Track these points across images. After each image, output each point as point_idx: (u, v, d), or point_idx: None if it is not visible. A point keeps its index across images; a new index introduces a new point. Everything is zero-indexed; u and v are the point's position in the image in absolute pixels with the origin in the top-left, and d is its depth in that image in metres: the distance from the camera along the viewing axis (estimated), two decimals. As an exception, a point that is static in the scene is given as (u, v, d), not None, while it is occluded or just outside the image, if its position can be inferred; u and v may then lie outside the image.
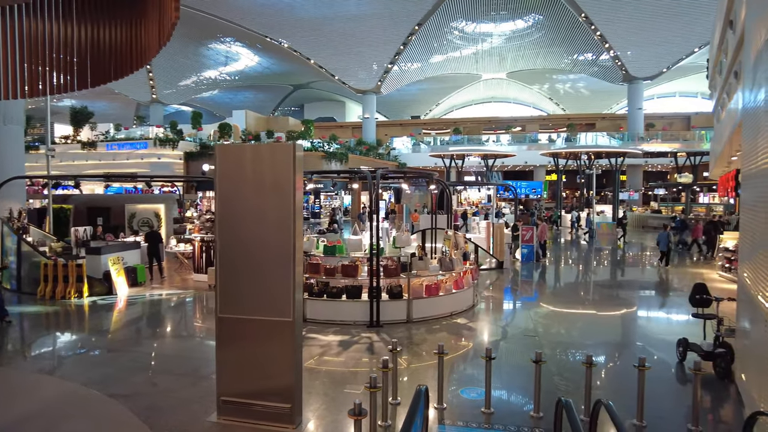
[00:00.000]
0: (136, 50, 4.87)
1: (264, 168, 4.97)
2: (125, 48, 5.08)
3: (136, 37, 4.85)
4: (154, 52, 4.67)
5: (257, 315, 5.06)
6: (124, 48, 5.11)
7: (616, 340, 8.92)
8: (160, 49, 4.57)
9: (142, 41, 4.79)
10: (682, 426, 5.22)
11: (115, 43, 5.23)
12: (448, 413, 5.56)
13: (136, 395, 5.92)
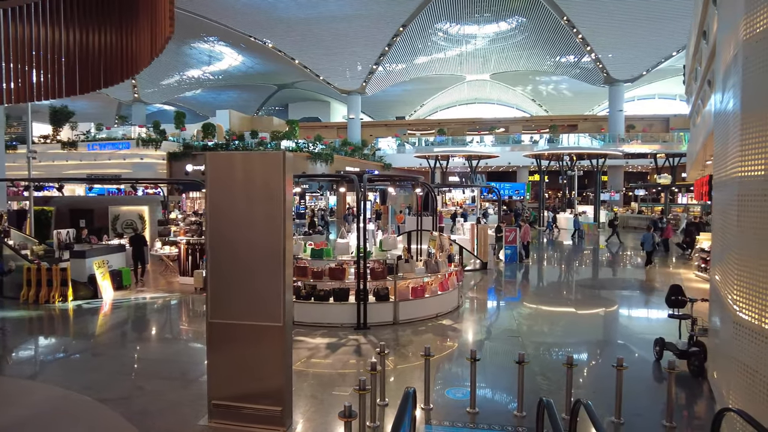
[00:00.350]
0: (127, 59, 4.93)
1: (254, 176, 5.07)
2: (116, 56, 5.12)
3: (127, 45, 4.90)
4: (146, 62, 4.73)
5: (248, 320, 5.16)
6: (115, 56, 5.16)
7: (597, 339, 9.18)
8: (151, 60, 4.63)
9: (134, 50, 4.84)
10: (658, 422, 5.46)
11: (105, 50, 5.27)
12: (435, 413, 5.72)
13: (126, 400, 5.97)
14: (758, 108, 4.07)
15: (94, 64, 5.45)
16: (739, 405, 4.24)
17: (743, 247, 4.34)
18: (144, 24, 4.60)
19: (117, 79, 5.20)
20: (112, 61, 5.25)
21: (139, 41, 4.73)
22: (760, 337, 3.94)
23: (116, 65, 5.19)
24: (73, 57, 5.46)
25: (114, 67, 5.23)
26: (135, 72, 5.08)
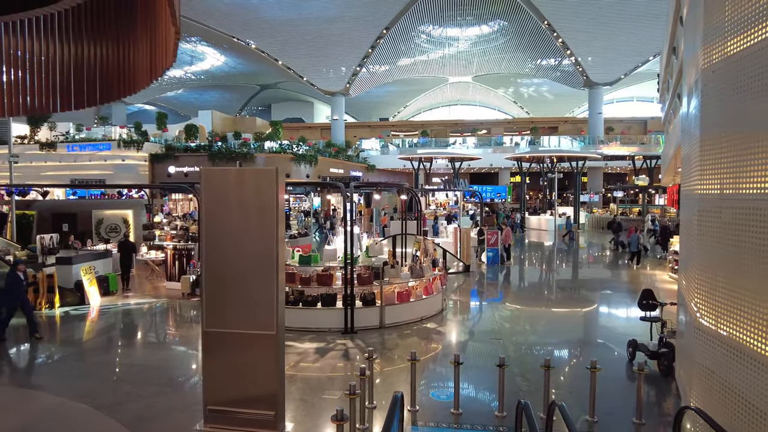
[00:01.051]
0: (125, 78, 5.10)
1: (248, 191, 5.30)
2: (113, 74, 5.30)
3: (125, 65, 5.08)
4: (144, 84, 4.92)
5: (242, 329, 5.39)
6: (112, 74, 5.33)
7: (576, 340, 9.59)
8: (149, 83, 4.82)
9: (132, 70, 5.02)
10: (629, 420, 5.83)
11: (103, 67, 5.44)
12: (420, 415, 6.02)
13: (122, 406, 6.14)
14: (715, 133, 4.45)
15: (90, 80, 5.62)
16: (699, 402, 4.63)
17: (703, 258, 4.72)
18: (143, 47, 4.78)
19: (114, 96, 5.38)
20: (109, 79, 5.43)
21: (138, 62, 4.92)
22: (716, 342, 4.31)
23: (113, 83, 5.36)
24: (68, 72, 5.63)
25: (111, 85, 5.40)
26: (133, 91, 5.27)
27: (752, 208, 3.78)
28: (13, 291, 9.08)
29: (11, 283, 9.09)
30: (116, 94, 5.45)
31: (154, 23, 4.53)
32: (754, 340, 3.74)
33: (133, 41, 4.92)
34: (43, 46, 5.58)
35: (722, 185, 4.30)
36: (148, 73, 4.71)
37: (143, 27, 4.73)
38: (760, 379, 3.64)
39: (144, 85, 4.95)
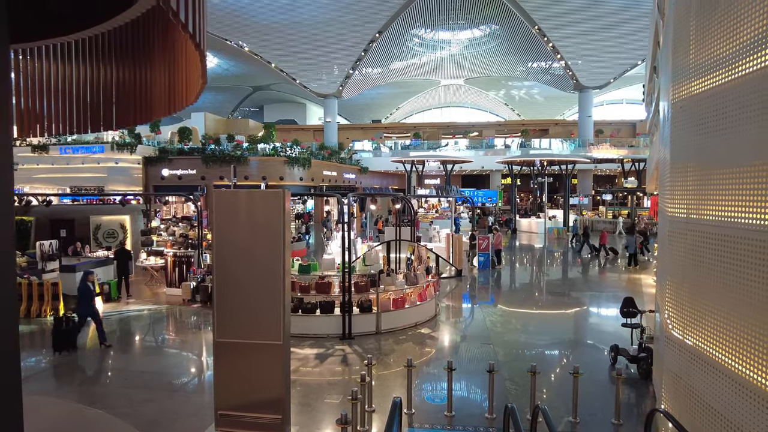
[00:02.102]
0: (142, 106, 5.48)
1: (257, 211, 5.71)
2: (129, 100, 5.68)
3: (143, 93, 5.45)
4: (162, 114, 5.29)
5: (251, 339, 5.79)
6: (128, 100, 5.72)
7: (563, 344, 10.07)
8: (167, 115, 5.21)
9: (149, 100, 5.40)
10: (608, 421, 6.31)
11: (119, 93, 5.83)
12: (416, 417, 6.46)
13: (135, 412, 6.53)
14: (682, 162, 4.93)
15: (106, 106, 6.01)
16: (669, 405, 5.11)
17: (673, 274, 5.21)
18: (161, 81, 5.16)
19: (129, 122, 5.76)
20: (125, 105, 5.81)
21: (156, 94, 5.29)
22: (682, 350, 4.79)
23: (129, 110, 5.75)
24: (84, 98, 6.01)
25: (126, 112, 5.79)
26: (149, 120, 5.64)
27: (711, 234, 4.25)
28: (84, 300, 9.37)
29: (82, 292, 9.39)
30: (132, 120, 5.83)
31: (173, 60, 4.90)
32: (713, 350, 4.22)
33: (151, 73, 5.30)
34: (59, 71, 5.97)
35: (688, 210, 4.78)
36: (166, 105, 5.08)
37: (161, 62, 5.11)
38: (718, 384, 4.12)
39: (161, 115, 5.32)
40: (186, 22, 2.84)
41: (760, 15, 3.56)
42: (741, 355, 3.80)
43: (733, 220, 3.92)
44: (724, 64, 4.07)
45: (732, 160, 3.98)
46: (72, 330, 9.27)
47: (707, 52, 4.36)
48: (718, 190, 4.18)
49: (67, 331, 9.16)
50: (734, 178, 3.93)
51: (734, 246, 3.88)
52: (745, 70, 3.77)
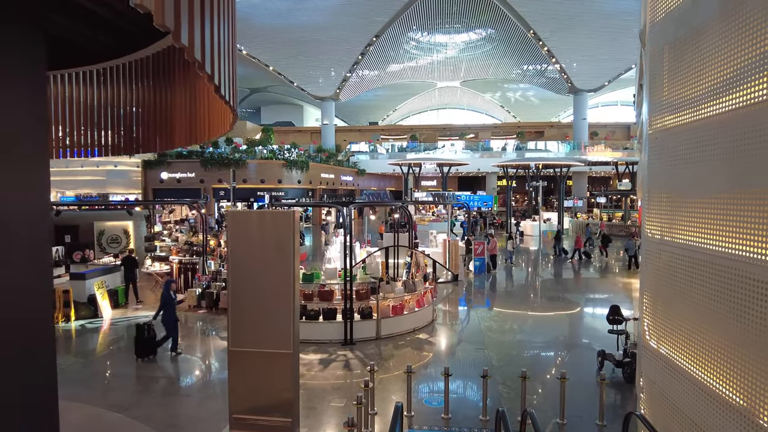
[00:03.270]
0: (164, 134, 5.93)
1: (268, 230, 6.17)
2: (151, 128, 6.15)
3: (164, 121, 5.91)
4: (183, 144, 5.73)
5: (262, 348, 6.26)
6: (151, 127, 6.18)
7: (554, 348, 10.56)
8: (187, 145, 5.65)
9: (171, 129, 5.84)
10: (593, 422, 6.81)
11: (142, 120, 6.29)
12: (416, 419, 6.95)
13: (153, 416, 6.98)
14: (657, 187, 5.43)
15: (126, 130, 6.48)
16: (647, 408, 5.61)
17: (649, 287, 5.70)
18: (183, 112, 5.60)
19: (151, 148, 6.22)
20: (147, 132, 6.28)
21: (178, 123, 5.73)
22: (656, 358, 5.29)
23: (151, 137, 6.21)
24: (107, 121, 6.48)
25: (149, 139, 6.26)
26: (171, 147, 6.09)
27: (681, 255, 4.74)
28: (169, 308, 9.73)
29: (166, 300, 9.74)
30: (153, 146, 6.30)
31: (194, 95, 5.35)
32: (682, 360, 4.71)
33: (173, 105, 5.76)
34: (82, 97, 6.44)
35: (662, 232, 5.26)
36: (188, 136, 5.53)
37: (182, 95, 5.56)
38: (686, 390, 4.61)
39: (183, 145, 5.76)
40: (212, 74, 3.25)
41: (717, 69, 4.06)
42: (704, 365, 4.29)
43: (698, 245, 4.41)
44: (690, 105, 4.57)
45: (697, 191, 4.48)
46: (154, 338, 9.62)
47: (678, 92, 4.85)
48: (686, 217, 4.67)
49: (149, 339, 9.51)
50: (699, 207, 4.42)
51: (700, 268, 4.38)
52: (706, 114, 4.27)
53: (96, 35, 5.47)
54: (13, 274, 4.15)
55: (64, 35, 5.38)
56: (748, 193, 3.77)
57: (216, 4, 3.22)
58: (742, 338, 3.81)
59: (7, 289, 4.02)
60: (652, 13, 5.59)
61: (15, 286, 4.13)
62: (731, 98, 3.97)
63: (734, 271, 3.92)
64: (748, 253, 3.74)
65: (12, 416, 4.27)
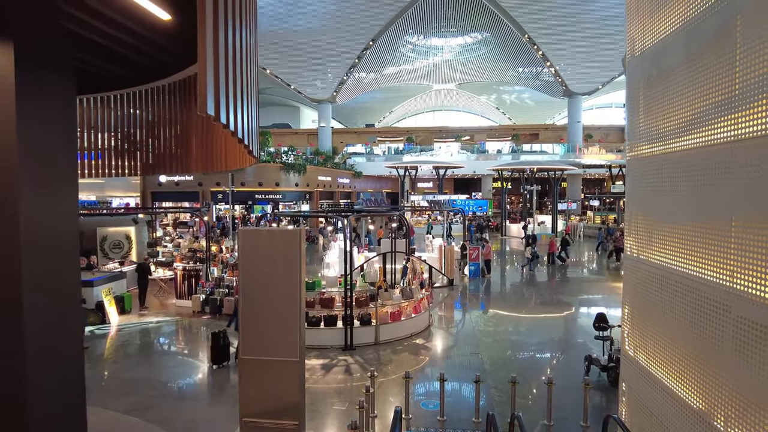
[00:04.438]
0: (179, 161, 6.39)
1: (277, 247, 6.64)
2: (166, 154, 6.61)
3: (179, 151, 6.38)
4: (197, 169, 6.19)
5: (271, 356, 6.73)
6: (166, 154, 6.64)
7: (545, 350, 11.08)
8: (200, 171, 6.10)
9: (185, 157, 6.31)
10: (578, 423, 7.31)
11: (160, 144, 6.75)
12: (413, 422, 7.43)
13: (168, 419, 7.44)
14: (633, 209, 5.94)
15: (142, 153, 6.94)
16: (626, 409, 6.11)
17: (629, 299, 6.21)
18: (199, 140, 6.06)
19: (167, 171, 6.69)
20: (163, 156, 6.74)
21: (192, 154, 6.20)
22: (634, 365, 5.80)
23: (167, 162, 6.67)
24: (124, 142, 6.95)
25: (165, 164, 6.72)
26: (186, 172, 6.56)
27: (654, 274, 5.25)
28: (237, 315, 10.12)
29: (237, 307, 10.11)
30: (169, 169, 6.76)
31: (209, 125, 5.82)
32: (655, 368, 5.21)
33: (188, 133, 6.23)
34: (106, 120, 6.91)
35: (639, 250, 5.77)
36: (203, 163, 5.99)
37: (197, 124, 6.03)
38: (658, 395, 5.11)
39: (199, 170, 6.22)
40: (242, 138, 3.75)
41: (683, 109, 4.58)
42: (672, 373, 4.80)
43: (666, 265, 4.92)
44: (661, 139, 5.08)
45: (666, 217, 4.99)
46: (228, 345, 10.00)
47: (651, 125, 5.36)
48: (658, 239, 5.18)
49: (224, 346, 9.89)
50: (668, 232, 4.93)
51: (667, 286, 4.88)
52: (675, 148, 4.78)
53: (117, 69, 5.94)
54: (49, 282, 4.68)
55: (88, 68, 5.86)
56: (706, 224, 4.28)
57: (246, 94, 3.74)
58: (701, 350, 4.32)
59: (45, 297, 4.57)
60: (631, 48, 6.11)
61: (50, 287, 4.68)
62: (694, 137, 4.48)
63: (695, 291, 4.43)
64: (706, 276, 4.25)
65: (49, 417, 4.75)
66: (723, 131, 4.04)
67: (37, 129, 4.63)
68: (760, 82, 3.57)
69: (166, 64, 5.62)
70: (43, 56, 4.67)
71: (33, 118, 4.59)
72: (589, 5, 40.02)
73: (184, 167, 6.42)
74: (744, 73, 3.77)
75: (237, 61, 3.49)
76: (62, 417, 5.29)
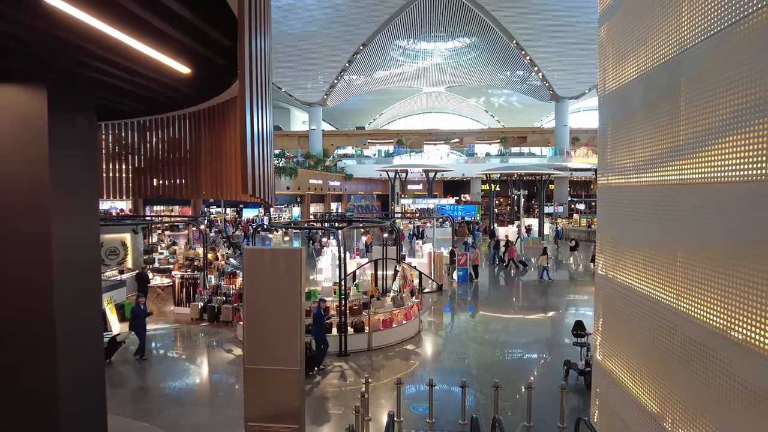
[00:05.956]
0: (194, 188, 6.93)
1: (279, 265, 7.20)
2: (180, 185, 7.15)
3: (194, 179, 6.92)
4: (208, 196, 6.71)
5: (274, 365, 7.30)
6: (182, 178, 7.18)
7: (529, 354, 11.75)
8: (211, 198, 6.65)
9: (199, 184, 6.86)
10: (555, 425, 7.96)
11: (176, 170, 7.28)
12: (404, 424, 8.04)
13: (177, 424, 7.97)
14: (605, 231, 6.59)
15: (153, 175, 7.47)
16: (598, 411, 6.77)
17: (600, 312, 6.86)
18: (210, 169, 6.61)
19: (179, 195, 7.22)
20: (177, 181, 7.27)
21: (204, 177, 6.74)
22: (603, 371, 6.45)
23: (178, 187, 7.20)
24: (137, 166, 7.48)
25: (179, 190, 7.26)
26: (196, 197, 7.08)
27: (620, 292, 5.90)
28: (318, 326, 10.53)
29: (317, 318, 10.54)
30: (179, 194, 7.29)
31: (219, 155, 6.37)
32: (620, 373, 5.86)
33: (198, 160, 6.78)
34: (122, 144, 7.44)
35: (607, 269, 6.42)
36: (213, 190, 6.53)
37: (209, 153, 6.58)
38: (622, 399, 5.76)
39: (209, 197, 6.77)
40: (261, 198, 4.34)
41: (642, 149, 5.23)
42: (633, 379, 5.45)
43: (629, 284, 5.57)
44: (625, 172, 5.72)
45: (629, 241, 5.64)
46: (316, 354, 10.39)
47: (617, 159, 6.01)
48: (622, 261, 5.83)
49: (312, 356, 10.30)
50: (630, 255, 5.58)
51: (629, 303, 5.53)
52: (635, 182, 5.43)
53: (134, 104, 6.48)
54: (76, 305, 5.26)
55: (106, 102, 6.39)
56: (658, 253, 4.93)
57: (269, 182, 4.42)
58: (656, 361, 4.97)
59: (70, 303, 5.18)
60: (602, 85, 6.76)
61: (74, 298, 5.27)
62: (650, 175, 5.13)
63: (650, 310, 5.08)
64: (658, 298, 4.89)
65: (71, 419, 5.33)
66: (672, 174, 4.68)
67: (65, 164, 5.18)
68: (700, 136, 4.21)
69: (180, 101, 6.17)
70: (72, 99, 5.22)
71: (62, 155, 5.14)
72: (575, 13, 40.98)
73: (194, 192, 6.95)
74: (687, 126, 4.41)
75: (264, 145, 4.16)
76: (88, 426, 5.84)
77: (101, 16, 3.40)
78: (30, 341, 5.05)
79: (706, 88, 4.10)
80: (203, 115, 6.49)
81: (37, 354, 5.07)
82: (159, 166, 7.37)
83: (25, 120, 4.92)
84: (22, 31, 3.90)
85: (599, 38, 6.93)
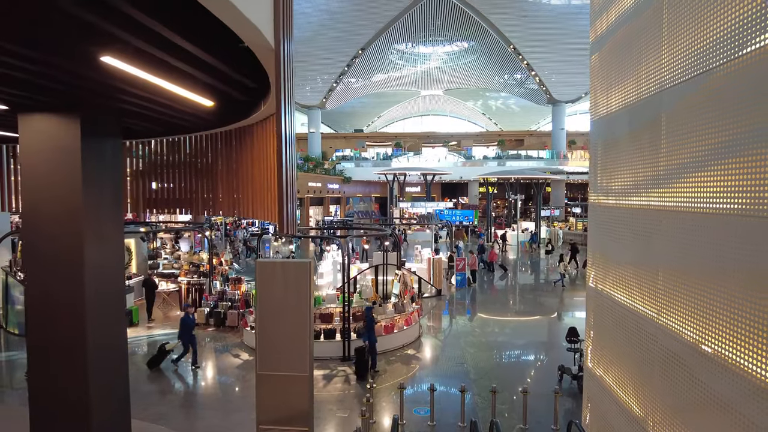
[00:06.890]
0: (210, 203, 7.37)
1: (289, 278, 7.65)
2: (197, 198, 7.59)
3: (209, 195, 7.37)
4: (224, 213, 7.14)
5: (284, 371, 7.74)
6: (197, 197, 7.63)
7: (525, 358, 12.21)
8: (232, 215, 7.07)
9: (215, 200, 7.29)
10: (549, 427, 8.42)
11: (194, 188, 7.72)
12: (406, 427, 8.48)
13: (192, 427, 8.39)
14: (595, 247, 7.05)
15: (163, 194, 7.92)
16: (590, 414, 7.23)
17: (590, 321, 7.33)
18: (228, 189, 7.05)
19: (193, 212, 7.66)
20: (195, 199, 7.72)
21: (222, 196, 7.18)
22: (594, 377, 6.91)
23: (195, 203, 7.65)
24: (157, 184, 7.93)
25: (200, 209, 7.70)
26: (215, 213, 7.52)
27: (608, 305, 6.36)
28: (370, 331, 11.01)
29: (369, 322, 11.00)
30: (195, 211, 7.74)
31: (236, 176, 6.83)
32: (607, 379, 6.33)
33: (216, 181, 7.22)
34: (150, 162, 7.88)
35: (596, 282, 6.88)
36: (231, 208, 6.97)
37: (226, 175, 7.03)
38: (610, 402, 6.22)
39: (226, 215, 7.21)
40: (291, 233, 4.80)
41: (627, 174, 5.69)
42: (619, 385, 5.91)
43: (615, 297, 6.03)
44: (613, 194, 6.19)
45: (616, 258, 6.11)
46: (368, 359, 10.84)
47: (606, 181, 6.47)
48: (610, 275, 6.29)
49: (365, 361, 10.74)
50: (617, 270, 6.05)
51: (616, 315, 5.99)
52: (622, 205, 5.89)
53: (156, 128, 6.92)
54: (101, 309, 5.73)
55: (129, 125, 6.83)
56: (641, 270, 5.39)
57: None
58: (639, 369, 5.43)
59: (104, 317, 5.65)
60: (594, 110, 7.22)
61: (103, 314, 5.73)
62: (635, 199, 5.59)
63: (634, 322, 5.54)
64: (641, 311, 5.35)
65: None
66: (653, 200, 5.14)
67: (96, 191, 5.61)
68: (677, 169, 4.67)
69: (198, 125, 6.61)
70: (102, 127, 5.65)
71: (93, 181, 5.57)
72: (572, 19, 41.54)
73: (212, 209, 7.39)
74: (667, 158, 4.88)
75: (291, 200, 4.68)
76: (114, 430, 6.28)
77: (149, 70, 3.84)
78: (65, 354, 5.49)
79: (684, 125, 4.57)
80: (221, 137, 6.93)
81: (72, 364, 5.51)
82: (176, 183, 7.80)
83: (60, 150, 5.35)
84: (72, 78, 4.33)
85: (591, 64, 7.41)
